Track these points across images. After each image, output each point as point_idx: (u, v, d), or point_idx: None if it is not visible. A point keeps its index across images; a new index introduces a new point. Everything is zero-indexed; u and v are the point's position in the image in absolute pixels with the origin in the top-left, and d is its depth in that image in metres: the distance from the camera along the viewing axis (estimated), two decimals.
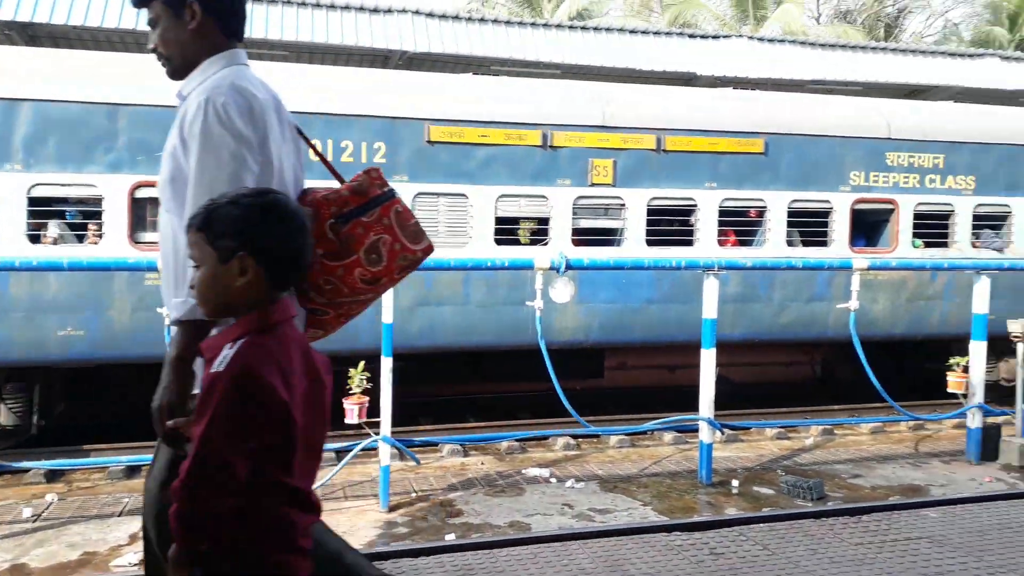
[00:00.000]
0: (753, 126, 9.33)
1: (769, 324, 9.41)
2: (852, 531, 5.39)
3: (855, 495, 6.76)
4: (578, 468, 7.62)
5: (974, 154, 10.09)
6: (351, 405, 6.61)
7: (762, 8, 27.33)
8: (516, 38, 13.65)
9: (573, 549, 5.07)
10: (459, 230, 8.50)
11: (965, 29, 32.42)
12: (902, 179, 9.86)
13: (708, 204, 9.13)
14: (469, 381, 9.82)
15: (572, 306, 8.48)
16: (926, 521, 5.63)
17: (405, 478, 7.17)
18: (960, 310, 9.53)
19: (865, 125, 9.77)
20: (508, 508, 6.34)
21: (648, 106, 9.16)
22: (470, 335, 8.51)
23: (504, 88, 9.07)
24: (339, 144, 8.12)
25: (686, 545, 5.12)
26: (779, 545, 5.11)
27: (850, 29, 27.34)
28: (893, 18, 33.34)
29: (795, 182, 9.44)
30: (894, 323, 9.80)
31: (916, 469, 7.65)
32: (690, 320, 8.18)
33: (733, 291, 9.06)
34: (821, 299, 9.49)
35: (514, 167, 8.58)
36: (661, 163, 9.01)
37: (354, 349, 8.02)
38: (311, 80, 8.43)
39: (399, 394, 6.53)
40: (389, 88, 8.50)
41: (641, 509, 6.36)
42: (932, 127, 10.07)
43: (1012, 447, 7.68)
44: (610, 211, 8.95)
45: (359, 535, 5.71)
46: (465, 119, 8.48)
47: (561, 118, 8.74)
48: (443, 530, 5.80)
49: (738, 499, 6.68)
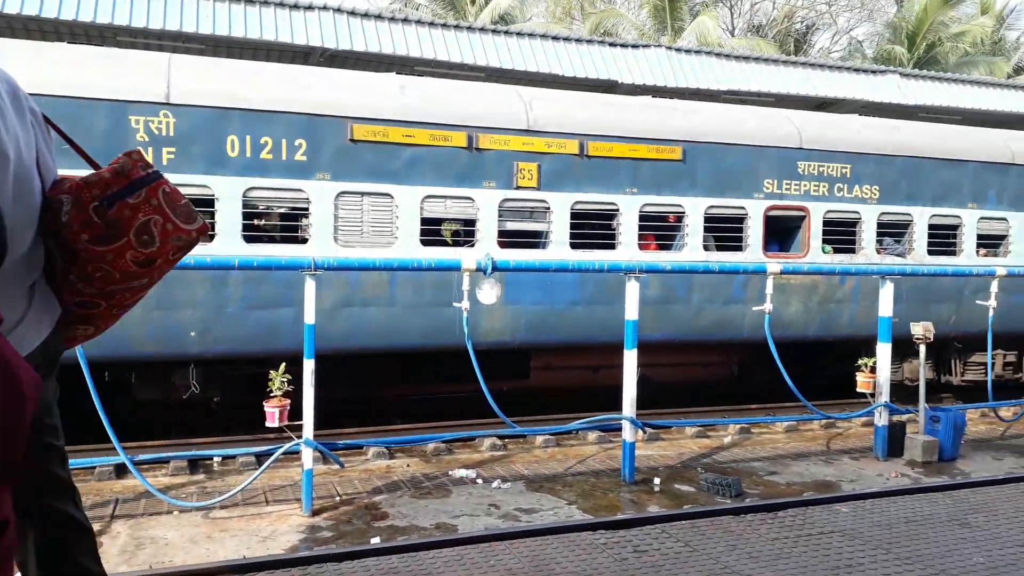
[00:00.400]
0: (672, 134, 9.55)
1: (688, 326, 9.64)
2: (769, 527, 5.56)
3: (772, 491, 6.98)
4: (504, 468, 7.64)
5: (878, 165, 10.58)
6: (272, 408, 6.44)
7: (679, 19, 28.03)
8: (439, 40, 13.61)
9: (499, 550, 5.07)
10: (384, 230, 8.41)
11: (868, 47, 34.05)
12: (813, 187, 10.25)
13: (629, 209, 9.30)
14: (395, 383, 9.71)
15: (499, 307, 8.50)
16: (838, 516, 5.85)
17: (329, 482, 7.03)
18: (867, 313, 9.98)
19: (778, 135, 10.13)
20: (434, 510, 6.30)
21: (572, 111, 9.27)
22: (396, 336, 8.42)
23: (429, 88, 9.02)
24: (258, 141, 7.91)
25: (610, 543, 5.18)
26: (700, 542, 5.23)
27: (762, 42, 28.31)
28: (802, 34, 34.72)
29: (712, 189, 9.71)
30: (806, 325, 10.19)
31: (828, 465, 7.96)
32: (613, 322, 8.31)
33: (653, 294, 9.25)
34: (737, 302, 9.78)
35: (440, 168, 8.54)
36: (584, 168, 9.13)
37: (275, 350, 7.85)
38: (225, 72, 8.19)
39: (322, 397, 6.41)
40: (310, 84, 8.34)
41: (566, 508, 6.41)
42: (840, 138, 10.51)
43: (916, 444, 8.08)
44: (535, 214, 9.01)
45: (281, 540, 5.58)
46: (389, 118, 8.40)
47: (487, 121, 8.75)
48: (368, 533, 5.72)
49: (660, 497, 6.81)
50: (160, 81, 7.67)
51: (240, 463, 7.61)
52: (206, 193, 7.74)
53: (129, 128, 7.48)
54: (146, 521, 5.96)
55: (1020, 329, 11.06)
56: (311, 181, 8.08)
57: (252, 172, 7.88)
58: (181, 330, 7.72)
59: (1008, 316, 10.48)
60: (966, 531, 5.48)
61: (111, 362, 7.87)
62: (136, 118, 7.51)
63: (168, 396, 8.48)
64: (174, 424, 8.76)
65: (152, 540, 5.55)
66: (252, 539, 5.59)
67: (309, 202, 8.10)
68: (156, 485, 6.46)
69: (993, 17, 33.40)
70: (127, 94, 7.51)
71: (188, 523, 5.92)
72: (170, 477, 7.25)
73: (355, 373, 9.11)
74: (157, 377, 8.37)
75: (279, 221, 8.93)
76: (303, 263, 6.21)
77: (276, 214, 8.85)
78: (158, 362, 8.07)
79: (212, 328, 7.82)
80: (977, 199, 11.12)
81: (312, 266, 6.16)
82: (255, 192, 7.95)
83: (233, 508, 6.27)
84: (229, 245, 7.78)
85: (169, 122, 7.62)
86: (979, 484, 6.85)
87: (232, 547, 5.43)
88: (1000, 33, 35.31)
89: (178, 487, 6.92)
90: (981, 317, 9.61)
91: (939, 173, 10.88)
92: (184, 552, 5.34)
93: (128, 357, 7.75)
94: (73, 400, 7.13)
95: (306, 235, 8.19)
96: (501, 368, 8.87)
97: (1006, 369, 11.60)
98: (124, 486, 6.90)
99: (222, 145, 7.78)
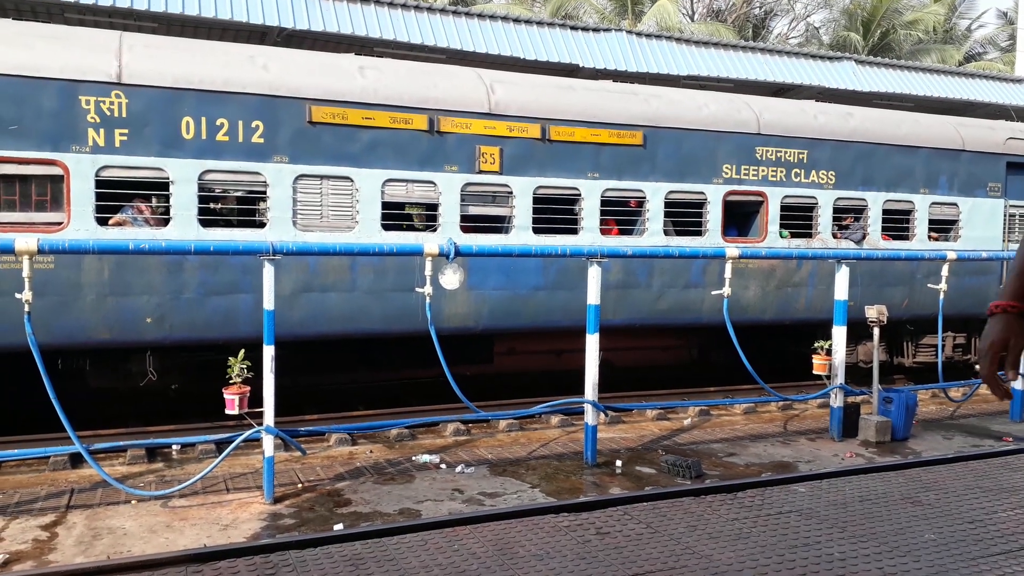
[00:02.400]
0: (633, 119, 9.58)
1: (649, 310, 9.72)
2: (729, 507, 5.65)
3: (731, 473, 7.10)
4: (468, 453, 7.65)
5: (834, 151, 10.75)
6: (231, 395, 6.34)
7: (639, 3, 28.07)
8: (399, 20, 13.44)
9: (464, 534, 5.08)
10: (345, 214, 8.31)
11: (825, 33, 34.48)
12: (770, 173, 10.37)
13: (591, 194, 9.32)
14: (357, 369, 9.64)
15: (462, 292, 8.47)
16: (795, 496, 5.98)
17: (290, 469, 6.98)
18: (823, 297, 10.16)
19: (737, 120, 10.22)
20: (398, 495, 6.28)
21: (534, 95, 9.23)
22: (358, 322, 8.35)
23: (390, 70, 8.91)
24: (214, 122, 7.75)
25: (573, 526, 5.23)
26: (661, 523, 5.30)
27: (722, 27, 28.50)
28: (760, 19, 35.02)
29: (672, 174, 9.77)
30: (764, 309, 10.34)
31: (785, 446, 8.11)
32: (575, 306, 8.34)
33: (615, 278, 9.30)
34: (697, 286, 9.88)
35: (401, 151, 8.46)
36: (546, 152, 9.11)
37: (234, 337, 7.74)
38: (180, 51, 7.99)
39: (282, 383, 6.34)
40: (267, 65, 8.17)
41: (530, 492, 6.45)
42: (797, 124, 10.64)
43: (869, 424, 8.28)
44: (498, 198, 8.98)
45: (242, 528, 5.52)
46: (349, 100, 8.28)
47: (449, 104, 8.68)
48: (331, 520, 5.69)
49: (622, 479, 6.88)
50: (111, 60, 7.46)
51: (200, 451, 7.50)
52: (160, 176, 7.57)
53: (79, 109, 7.27)
54: (103, 511, 5.85)
55: (969, 311, 11.36)
56: (269, 164, 7.94)
57: (208, 155, 7.72)
58: (137, 316, 7.56)
59: (958, 299, 10.76)
60: (918, 509, 5.63)
61: (64, 349, 7.68)
62: (87, 98, 7.30)
63: (124, 384, 8.32)
64: (131, 412, 8.60)
65: (110, 530, 5.45)
66: (213, 528, 5.53)
67: (267, 185, 7.97)
68: (113, 474, 6.34)
69: (945, 5, 34.06)
70: (77, 73, 7.29)
71: (147, 512, 5.83)
72: (128, 466, 7.13)
73: (316, 359, 9.02)
74: (113, 364, 8.20)
75: (236, 205, 8.77)
76: (261, 247, 6.12)
77: (233, 198, 8.69)
78: (113, 349, 7.90)
79: (169, 314, 7.67)
80: (929, 184, 11.37)
81: (271, 251, 6.07)
82: (211, 175, 7.79)
83: (193, 497, 6.19)
84: (185, 229, 7.63)
85: (121, 103, 7.42)
86: (930, 463, 7.05)
87: (192, 536, 5.36)
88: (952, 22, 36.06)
89: (136, 476, 6.81)
90: (933, 300, 9.86)
91: (893, 159, 11.09)
92: (143, 542, 5.26)
93: (82, 344, 7.58)
94: (26, 388, 6.97)
95: (264, 219, 8.06)
96: (464, 353, 8.86)
97: (955, 351, 11.92)
98: (80, 476, 6.76)
99: (177, 127, 7.60)
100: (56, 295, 7.25)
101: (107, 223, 7.49)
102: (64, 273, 7.29)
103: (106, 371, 8.23)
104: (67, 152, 7.25)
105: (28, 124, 7.13)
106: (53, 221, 7.37)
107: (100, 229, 7.40)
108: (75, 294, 7.35)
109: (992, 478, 6.48)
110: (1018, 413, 9.55)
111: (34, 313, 5.72)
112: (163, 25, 11.70)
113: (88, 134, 7.30)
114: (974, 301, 11.39)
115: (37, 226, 7.28)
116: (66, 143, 7.24)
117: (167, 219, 7.64)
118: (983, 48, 37.02)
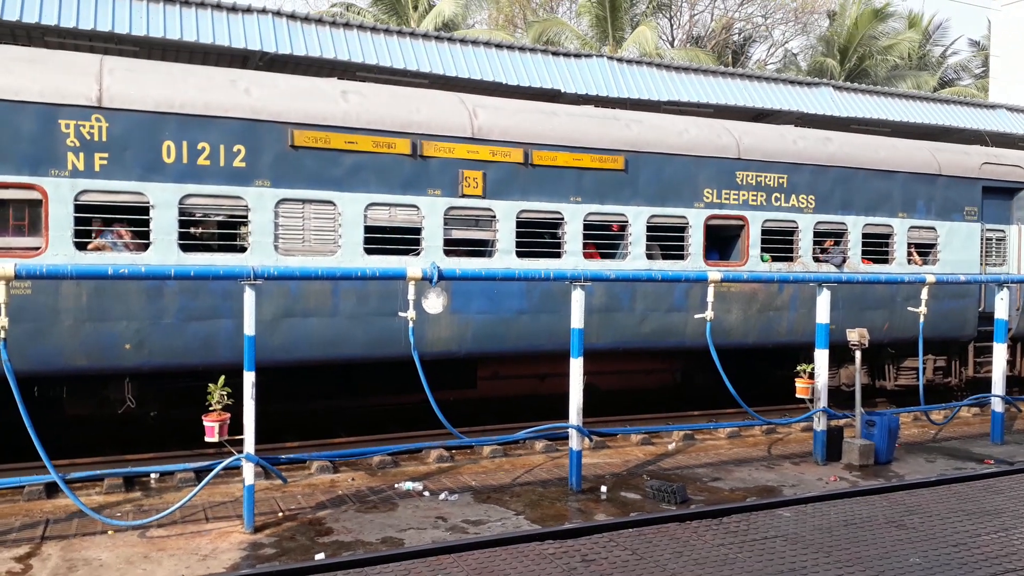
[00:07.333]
0: (615, 144, 9.64)
1: (632, 333, 9.72)
2: (714, 533, 5.63)
3: (716, 497, 7.07)
4: (452, 480, 7.57)
5: (814, 175, 10.86)
6: (211, 422, 6.26)
7: (620, 30, 28.38)
8: (382, 45, 13.48)
9: (448, 563, 5.02)
10: (327, 239, 8.27)
11: (803, 59, 35.02)
12: (751, 197, 10.46)
13: (574, 218, 9.34)
14: (338, 395, 9.55)
15: (445, 317, 8.42)
16: (780, 520, 5.96)
17: (271, 497, 6.87)
18: (805, 321, 10.20)
19: (718, 145, 10.31)
20: (380, 524, 6.20)
21: (517, 120, 9.27)
22: (340, 347, 8.28)
23: (372, 94, 8.92)
24: (195, 147, 7.71)
25: (558, 553, 5.18)
26: (647, 549, 5.26)
27: (701, 53, 28.85)
28: (739, 46, 35.53)
29: (653, 198, 9.82)
30: (746, 332, 10.37)
31: (770, 471, 8.10)
32: (559, 330, 8.31)
33: (598, 302, 9.30)
34: (680, 310, 9.90)
35: (384, 176, 8.45)
36: (529, 177, 9.14)
37: (214, 363, 7.64)
38: (161, 75, 7.95)
39: (263, 410, 6.26)
40: (249, 89, 8.16)
41: (514, 519, 6.38)
42: (777, 149, 10.75)
43: (853, 448, 8.29)
44: (481, 222, 8.98)
45: (222, 558, 5.42)
46: (331, 124, 8.28)
47: (431, 128, 8.70)
48: (312, 549, 5.59)
49: (607, 504, 6.83)
50: (92, 83, 7.41)
51: (178, 479, 7.38)
52: (141, 200, 7.51)
53: (59, 132, 7.21)
54: (79, 542, 5.73)
55: (949, 335, 11.45)
56: (250, 188, 7.90)
57: (189, 179, 7.67)
58: (115, 342, 7.46)
59: (938, 322, 10.85)
60: (903, 532, 5.63)
61: (41, 376, 7.55)
62: (66, 122, 7.24)
63: (102, 411, 8.18)
64: (109, 440, 8.45)
65: (86, 562, 5.33)
66: (192, 558, 5.42)
67: (248, 210, 7.92)
68: (90, 504, 6.21)
69: (919, 32, 34.72)
70: (57, 97, 7.24)
71: (124, 543, 5.71)
72: (104, 495, 6.99)
73: (297, 385, 8.93)
74: (90, 391, 8.07)
75: (217, 229, 8.70)
76: (242, 272, 6.06)
77: (214, 222, 8.63)
78: (91, 376, 7.77)
79: (148, 340, 7.57)
80: (907, 208, 11.50)
81: (252, 275, 6.02)
82: (192, 200, 7.74)
83: (171, 526, 6.07)
84: (165, 254, 7.56)
85: (101, 127, 7.37)
86: (913, 486, 7.06)
87: (170, 567, 5.25)
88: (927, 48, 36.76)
89: (113, 505, 6.68)
90: (913, 323, 9.93)
91: (871, 183, 11.22)
92: (119, 573, 5.15)
93: (59, 371, 7.45)
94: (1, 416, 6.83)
95: (245, 244, 8.00)
96: (447, 378, 8.80)
97: (936, 373, 12.00)
98: (55, 506, 6.62)
99: (157, 151, 7.56)
100: (33, 321, 7.14)
101: (86, 248, 7.41)
102: (41, 299, 7.19)
103: (83, 398, 8.10)
104: (46, 176, 7.17)
105: (6, 148, 7.06)
106: (31, 246, 7.28)
107: (79, 254, 7.31)
108: (52, 320, 7.24)
109: (975, 501, 6.50)
110: (999, 435, 9.62)
111: (10, 339, 5.63)
112: (144, 49, 11.66)
113: (67, 158, 7.23)
114: (954, 324, 11.48)
115: (14, 251, 7.18)
116: (45, 167, 7.17)
117: (147, 244, 7.56)
118: (956, 74, 37.76)
